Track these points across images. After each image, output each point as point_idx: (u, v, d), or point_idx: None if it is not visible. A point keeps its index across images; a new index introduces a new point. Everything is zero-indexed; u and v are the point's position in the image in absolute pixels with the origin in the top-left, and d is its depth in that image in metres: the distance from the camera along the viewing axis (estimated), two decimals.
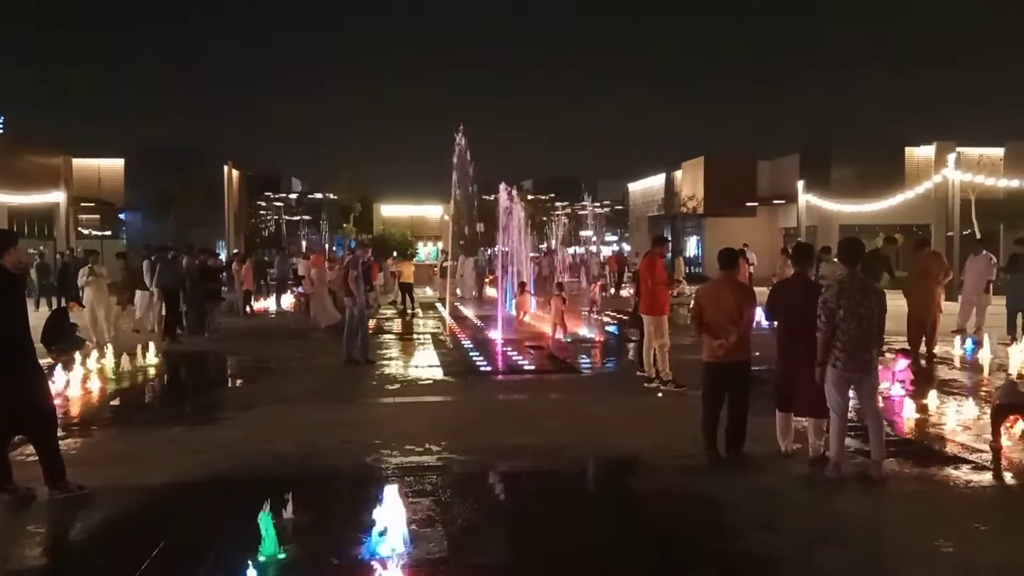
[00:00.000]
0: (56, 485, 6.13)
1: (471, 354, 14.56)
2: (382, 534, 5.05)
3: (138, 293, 17.58)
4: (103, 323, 15.62)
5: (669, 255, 11.81)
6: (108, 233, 53.73)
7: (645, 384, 11.12)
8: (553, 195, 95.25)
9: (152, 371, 12.81)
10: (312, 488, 6.36)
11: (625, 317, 19.06)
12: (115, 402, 10.38)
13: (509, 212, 19.70)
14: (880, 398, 7.70)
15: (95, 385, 11.03)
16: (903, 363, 10.68)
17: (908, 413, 8.91)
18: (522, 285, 21.69)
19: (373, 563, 4.86)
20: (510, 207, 19.61)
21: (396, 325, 20.85)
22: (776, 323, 7.42)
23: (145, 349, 13.50)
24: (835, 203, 40.65)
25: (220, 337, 17.14)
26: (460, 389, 11.30)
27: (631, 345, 13.80)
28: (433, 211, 55.57)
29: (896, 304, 10.32)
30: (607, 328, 18.51)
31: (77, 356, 12.89)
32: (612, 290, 32.07)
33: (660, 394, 10.59)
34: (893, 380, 10.14)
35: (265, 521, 4.94)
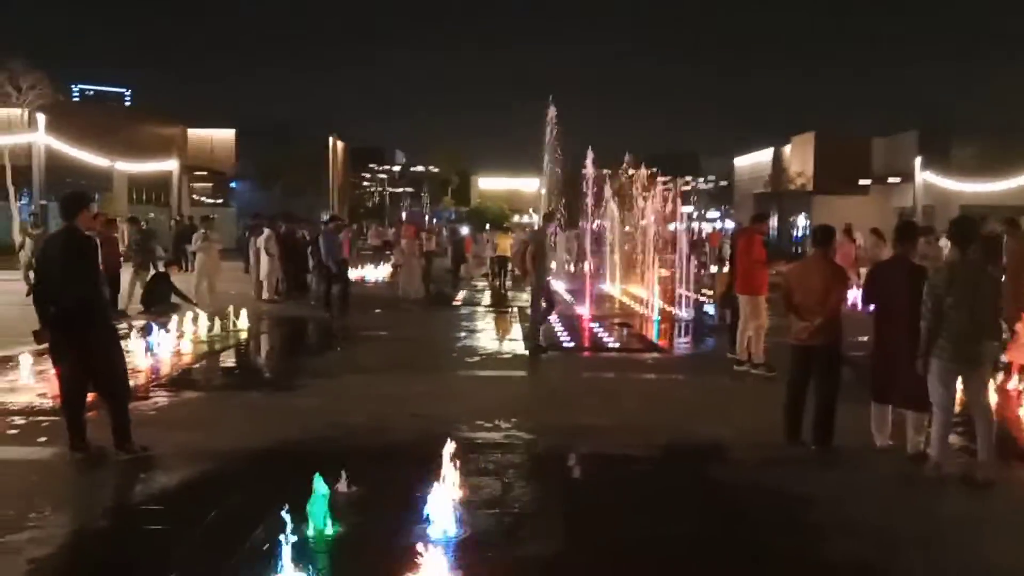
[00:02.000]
0: (122, 446, 6.18)
1: (557, 329, 14.25)
2: (433, 516, 4.84)
3: (263, 260, 17.96)
4: (205, 289, 16.02)
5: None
6: (220, 201, 55.81)
7: (735, 367, 10.59)
8: (656, 169, 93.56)
9: (242, 336, 13.03)
10: (375, 462, 6.24)
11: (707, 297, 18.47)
12: (199, 365, 10.57)
13: (598, 185, 19.12)
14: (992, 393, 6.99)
15: (185, 348, 11.28)
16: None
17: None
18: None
19: (422, 545, 4.66)
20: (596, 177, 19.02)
21: (485, 297, 20.72)
22: (873, 308, 6.80)
23: (237, 314, 13.79)
24: (956, 182, 38.22)
25: (317, 304, 17.41)
26: (540, 365, 11.03)
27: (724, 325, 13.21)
28: (530, 184, 55.38)
29: None
30: (704, 307, 17.85)
31: (174, 318, 13.24)
32: (714, 267, 31.10)
33: (749, 378, 10.06)
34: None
35: (317, 496, 4.79)
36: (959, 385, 6.16)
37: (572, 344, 12.67)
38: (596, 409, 8.27)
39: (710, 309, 17.72)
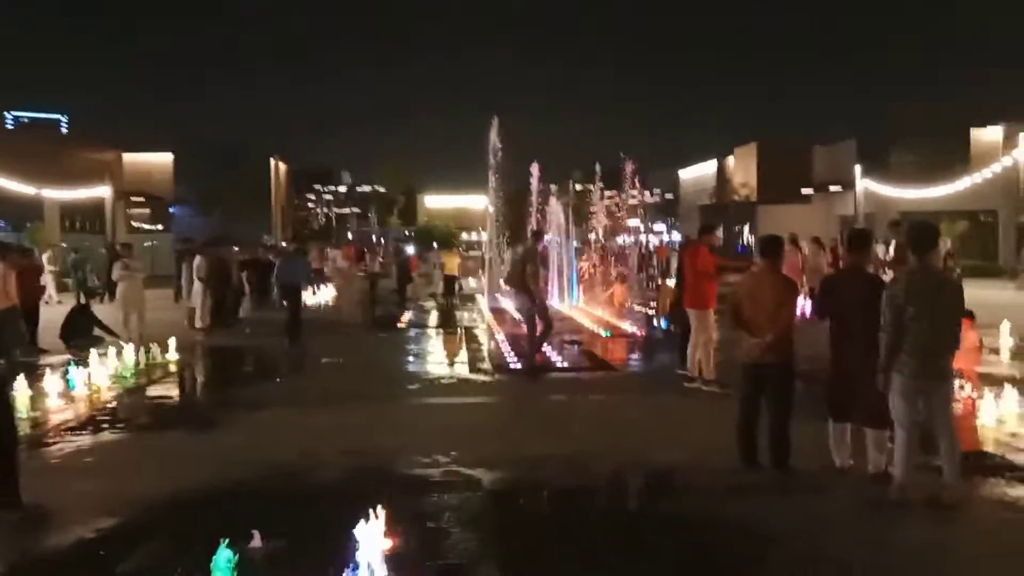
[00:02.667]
0: (8, 503, 5.51)
1: (504, 350, 13.78)
2: (355, 569, 4.30)
3: (196, 287, 17.14)
4: (134, 321, 15.20)
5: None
6: (159, 227, 54.28)
7: (685, 384, 10.23)
8: (602, 185, 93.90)
9: (170, 368, 12.27)
10: (298, 508, 5.70)
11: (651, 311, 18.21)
12: (118, 403, 9.82)
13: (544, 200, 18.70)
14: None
15: (104, 384, 10.53)
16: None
17: (985, 419, 7.87)
18: (621, 275, 21.03)
19: None
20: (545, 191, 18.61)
21: (432, 318, 20.16)
22: (829, 322, 6.45)
23: (164, 346, 13.03)
24: (895, 189, 38.86)
25: (251, 332, 16.69)
26: (485, 389, 10.51)
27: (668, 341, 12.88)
28: (478, 202, 54.99)
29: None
30: (654, 323, 17.53)
31: (94, 353, 12.43)
32: (660, 281, 30.99)
33: (702, 396, 9.69)
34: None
35: (219, 564, 4.22)
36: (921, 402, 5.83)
37: (519, 366, 12.19)
38: (543, 436, 7.80)
39: (660, 323, 17.44)
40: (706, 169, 61.88)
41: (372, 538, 4.46)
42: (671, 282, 18.19)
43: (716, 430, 7.39)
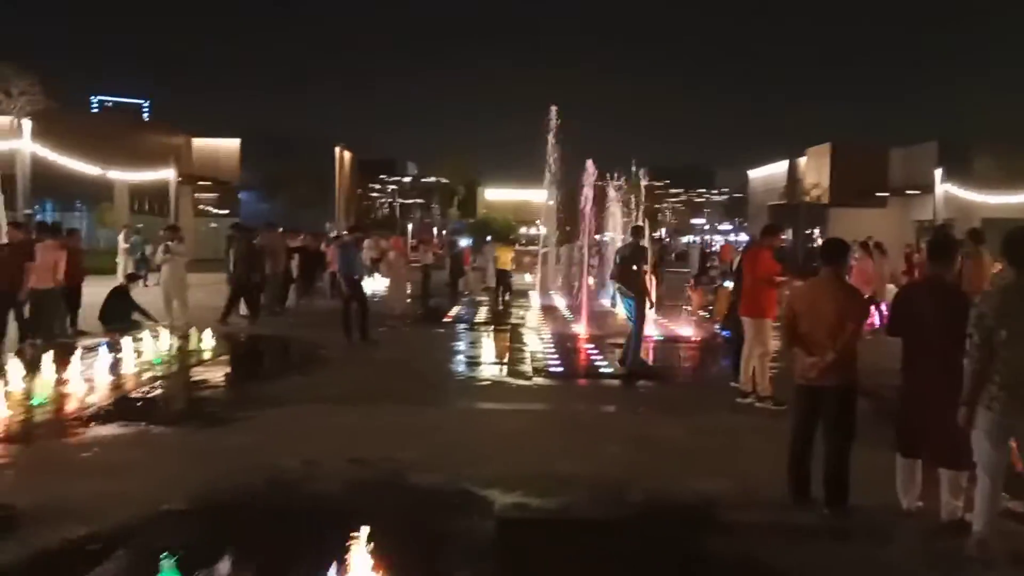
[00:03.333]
0: None
1: (547, 351, 13.07)
2: None
3: None
4: (177, 307, 14.95)
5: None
6: (226, 212, 54.96)
7: (738, 399, 9.38)
8: (668, 182, 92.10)
9: (202, 357, 11.89)
10: (281, 528, 5.13)
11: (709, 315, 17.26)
12: (137, 394, 9.41)
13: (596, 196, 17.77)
14: None
15: (128, 373, 10.18)
16: None
17: None
18: (697, 278, 19.84)
19: None
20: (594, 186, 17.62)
21: (480, 314, 19.51)
22: (903, 340, 5.57)
23: (201, 334, 12.68)
24: (978, 194, 36.83)
25: (294, 321, 16.30)
26: (520, 395, 9.80)
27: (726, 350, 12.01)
28: (538, 196, 54.16)
29: None
30: (712, 328, 16.57)
31: (127, 339, 12.13)
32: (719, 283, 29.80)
33: (754, 413, 8.84)
34: None
35: None
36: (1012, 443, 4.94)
37: (561, 369, 11.46)
38: (572, 454, 7.08)
39: (715, 328, 16.49)
40: (777, 169, 59.89)
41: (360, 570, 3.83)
42: (729, 284, 17.25)
43: (766, 456, 6.57)
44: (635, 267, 11.54)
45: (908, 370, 5.44)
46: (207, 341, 12.54)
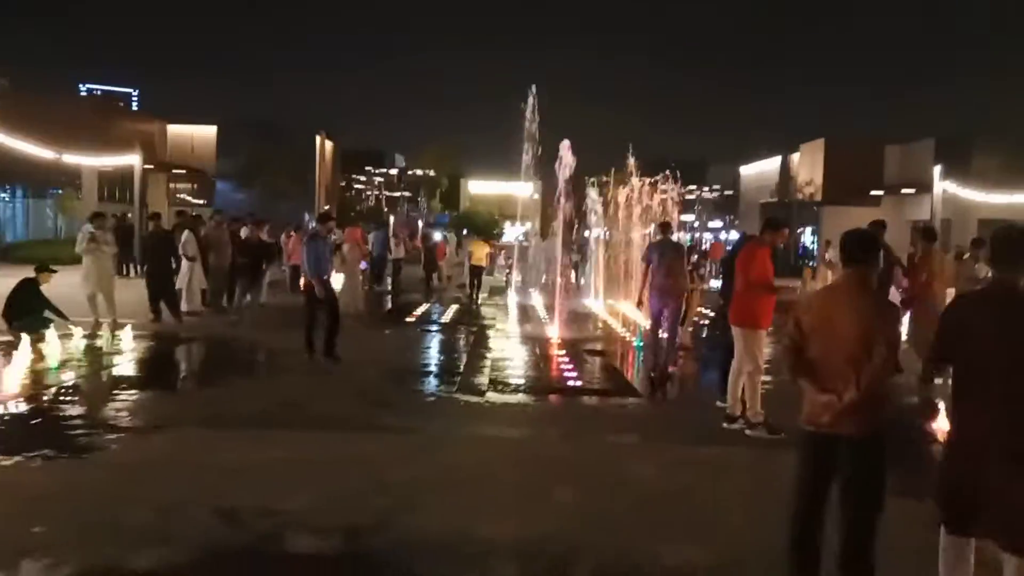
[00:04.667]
0: None
1: (510, 360, 11.55)
2: None
3: (184, 266, 15.21)
4: (102, 301, 13.36)
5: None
6: (203, 202, 53.12)
7: (724, 424, 7.88)
8: (661, 176, 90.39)
9: (107, 362, 10.32)
10: None
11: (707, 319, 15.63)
12: (14, 409, 7.82)
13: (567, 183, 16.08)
14: None
15: (11, 380, 8.58)
16: None
17: None
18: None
19: None
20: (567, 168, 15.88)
21: (449, 313, 17.97)
22: (953, 370, 4.03)
23: (116, 335, 11.11)
24: (979, 193, 35.50)
25: (235, 319, 14.70)
26: (464, 416, 8.20)
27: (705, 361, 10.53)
28: (524, 189, 52.49)
29: None
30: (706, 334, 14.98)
31: (25, 340, 10.54)
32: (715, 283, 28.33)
33: (743, 445, 7.34)
34: None
35: None
36: None
37: (521, 383, 9.93)
38: (508, 504, 5.53)
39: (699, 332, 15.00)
40: (769, 165, 58.46)
41: None
42: (716, 284, 15.62)
43: (759, 510, 5.08)
44: (676, 266, 10.71)
45: (961, 411, 3.90)
46: (121, 344, 10.98)
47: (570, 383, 10.02)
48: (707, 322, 15.06)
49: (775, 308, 7.86)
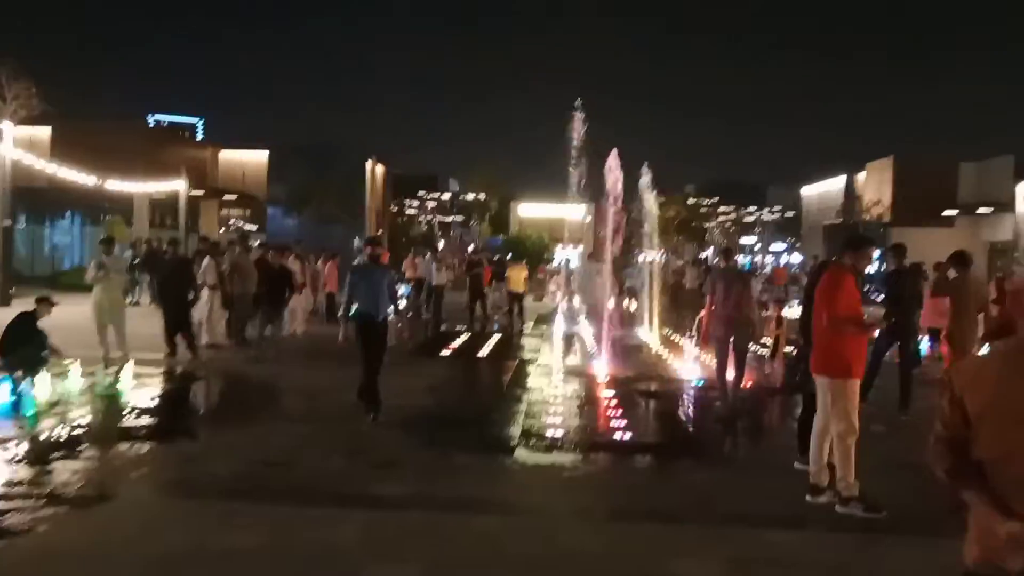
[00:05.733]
0: None
1: (545, 404, 10.06)
2: None
3: (204, 296, 14.16)
4: (113, 333, 12.37)
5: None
6: (255, 228, 52.97)
7: (808, 497, 6.33)
8: (717, 198, 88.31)
9: (87, 409, 9.19)
10: None
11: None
12: None
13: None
14: None
15: None
16: None
17: None
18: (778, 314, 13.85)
19: None
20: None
21: (485, 346, 16.55)
22: None
23: (116, 372, 10.02)
24: None
25: (258, 356, 13.49)
26: (479, 482, 6.75)
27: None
28: (575, 212, 50.98)
29: None
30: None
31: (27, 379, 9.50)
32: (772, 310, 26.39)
33: (830, 525, 5.78)
34: None
35: None
36: None
37: (559, 434, 8.46)
38: None
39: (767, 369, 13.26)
40: (833, 185, 56.15)
41: None
42: (788, 312, 13.98)
43: None
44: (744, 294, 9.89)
45: None
46: (117, 385, 9.89)
47: (616, 435, 8.51)
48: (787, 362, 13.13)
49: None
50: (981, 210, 39.62)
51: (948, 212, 41.34)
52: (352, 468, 6.99)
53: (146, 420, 8.73)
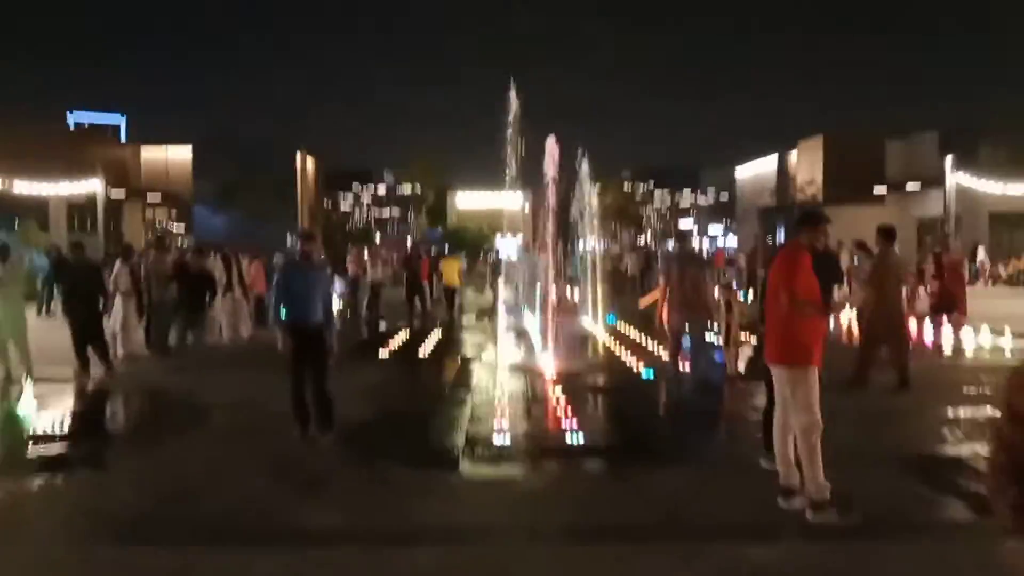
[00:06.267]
0: None
1: (491, 407, 9.39)
2: None
3: (117, 304, 13.11)
4: (14, 349, 11.32)
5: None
6: (182, 227, 51.01)
7: (780, 501, 5.81)
8: (652, 182, 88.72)
9: None
10: None
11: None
12: None
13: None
14: None
15: None
16: None
17: None
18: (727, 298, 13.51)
19: None
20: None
21: (425, 345, 15.81)
22: None
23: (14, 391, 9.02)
24: (992, 185, 33.69)
25: (179, 364, 12.57)
26: (417, 505, 6.04)
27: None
28: (514, 201, 50.34)
29: None
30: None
31: None
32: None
33: (798, 530, 5.26)
34: None
35: None
36: None
37: (509, 440, 7.79)
38: None
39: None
40: (766, 166, 56.59)
41: None
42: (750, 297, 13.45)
43: None
44: (700, 277, 9.84)
45: None
46: (8, 406, 8.91)
47: (569, 439, 7.86)
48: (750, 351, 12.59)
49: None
50: (909, 187, 40.23)
51: (878, 189, 41.92)
52: (275, 495, 6.21)
53: (43, 448, 7.80)
